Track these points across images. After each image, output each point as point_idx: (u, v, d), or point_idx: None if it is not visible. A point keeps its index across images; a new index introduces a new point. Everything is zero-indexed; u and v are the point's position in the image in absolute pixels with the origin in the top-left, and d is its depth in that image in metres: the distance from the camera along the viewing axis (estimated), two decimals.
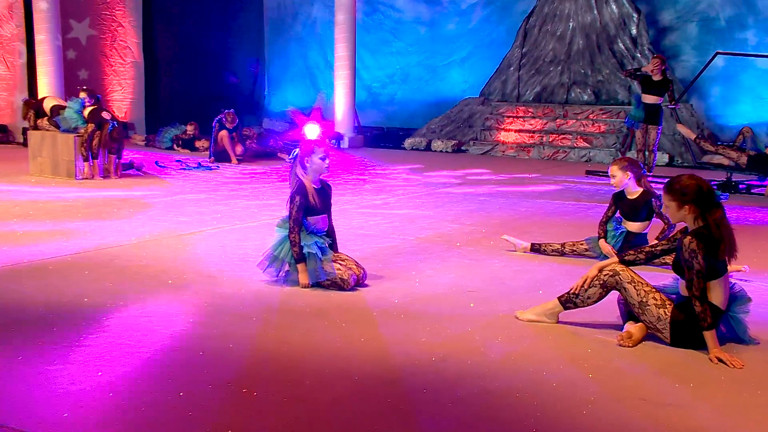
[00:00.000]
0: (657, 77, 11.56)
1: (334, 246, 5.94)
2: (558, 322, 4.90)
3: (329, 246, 5.84)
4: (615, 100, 15.78)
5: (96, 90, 16.06)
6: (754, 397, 3.88)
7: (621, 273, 4.64)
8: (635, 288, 4.58)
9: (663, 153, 13.85)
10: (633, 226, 6.58)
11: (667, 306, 4.51)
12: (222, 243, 7.22)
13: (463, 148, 16.00)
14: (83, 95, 11.43)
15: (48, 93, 13.87)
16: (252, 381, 3.96)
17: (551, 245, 6.85)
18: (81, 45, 16.49)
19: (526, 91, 16.61)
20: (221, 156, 13.76)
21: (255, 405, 3.69)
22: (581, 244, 6.77)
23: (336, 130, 17.00)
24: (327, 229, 5.90)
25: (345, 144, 16.84)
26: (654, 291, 4.58)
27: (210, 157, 13.83)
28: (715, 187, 10.93)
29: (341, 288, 5.62)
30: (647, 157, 11.81)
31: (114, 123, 11.18)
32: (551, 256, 6.78)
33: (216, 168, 13.00)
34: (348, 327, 4.87)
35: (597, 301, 4.77)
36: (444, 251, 7.00)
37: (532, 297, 5.48)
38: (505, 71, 17.00)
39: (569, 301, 4.82)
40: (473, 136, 16.24)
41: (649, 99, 11.60)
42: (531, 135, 15.54)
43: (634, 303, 4.59)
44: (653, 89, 11.59)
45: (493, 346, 4.53)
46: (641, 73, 11.85)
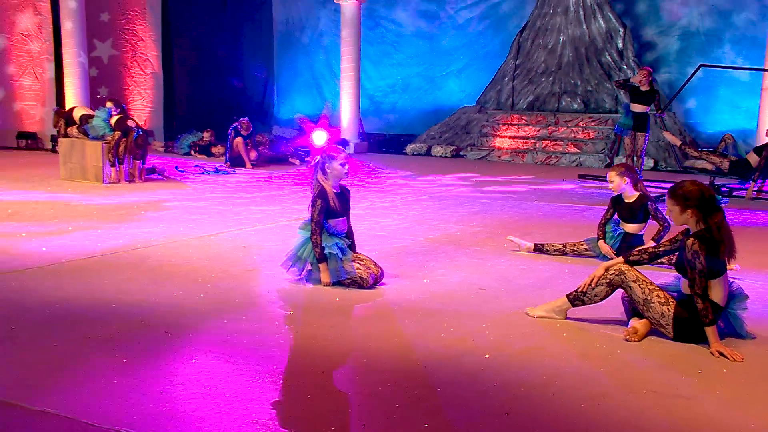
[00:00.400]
0: (644, 88, 11.55)
1: (352, 246, 5.91)
2: (566, 318, 4.89)
3: (348, 247, 5.82)
4: (603, 108, 15.77)
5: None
6: (755, 389, 3.88)
7: (626, 272, 4.63)
8: (640, 286, 4.58)
9: (649, 158, 13.85)
10: (630, 227, 6.57)
11: (670, 303, 4.50)
12: (244, 243, 7.19)
13: (461, 153, 15.98)
14: (110, 105, 11.40)
15: (75, 104, 13.82)
16: (287, 374, 3.94)
17: (553, 245, 6.84)
18: (103, 64, 16.42)
19: (519, 100, 16.59)
20: (236, 161, 13.73)
21: (291, 397, 3.68)
22: (582, 244, 6.76)
23: (342, 136, 16.98)
24: (346, 231, 5.89)
25: (350, 150, 16.79)
26: (657, 289, 4.57)
27: (226, 162, 13.80)
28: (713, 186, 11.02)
29: (360, 286, 5.60)
30: (635, 162, 11.79)
31: (139, 131, 11.15)
32: (553, 255, 6.77)
33: (232, 172, 12.97)
34: (371, 323, 4.86)
35: (603, 299, 4.76)
36: (453, 251, 6.97)
37: (538, 295, 5.47)
38: (500, 81, 16.98)
39: (577, 299, 4.81)
40: (471, 142, 16.22)
41: (637, 108, 11.60)
42: (525, 141, 15.54)
43: (638, 301, 4.58)
44: (641, 99, 11.58)
45: (508, 341, 4.51)
46: (630, 84, 11.84)
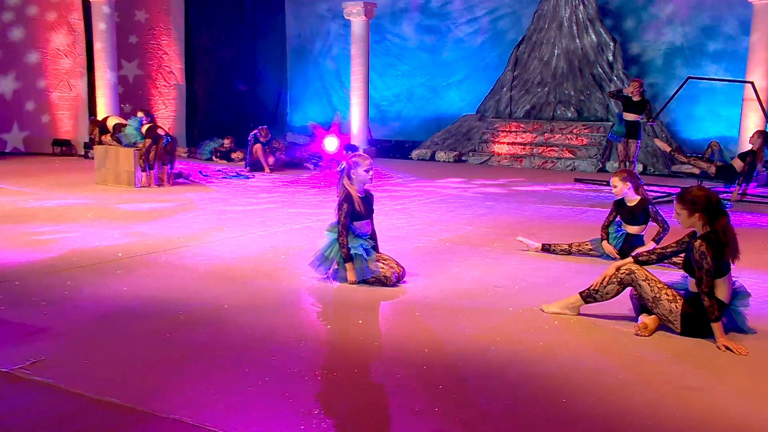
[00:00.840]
0: (636, 98, 11.54)
1: (376, 247, 5.88)
2: (579, 314, 4.87)
3: (372, 247, 5.80)
4: (595, 116, 15.73)
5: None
6: (761, 381, 3.86)
7: (636, 271, 4.62)
8: (649, 285, 4.56)
9: (638, 163, 13.80)
10: (632, 229, 6.55)
11: (678, 301, 4.49)
12: (271, 244, 7.16)
13: (463, 158, 15.95)
14: (141, 114, 11.39)
15: (106, 114, 13.81)
16: (325, 368, 3.93)
17: (560, 245, 6.81)
18: (128, 83, 16.35)
19: (517, 109, 16.56)
20: (255, 166, 13.70)
21: (332, 389, 3.66)
22: (586, 244, 6.73)
23: (352, 142, 16.95)
24: (370, 233, 5.86)
25: None
26: (666, 287, 4.55)
27: (246, 167, 13.78)
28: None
29: (384, 284, 5.57)
30: (628, 167, 11.77)
31: (168, 138, 11.13)
32: (560, 255, 6.74)
33: (252, 176, 12.94)
34: (397, 319, 4.85)
35: (614, 296, 4.74)
36: (465, 251, 6.94)
37: (549, 292, 5.44)
38: (499, 91, 16.95)
39: (590, 296, 4.79)
40: (472, 148, 16.19)
41: (630, 117, 11.58)
42: (522, 147, 15.50)
43: (648, 298, 4.56)
44: (633, 108, 11.56)
45: (528, 336, 4.50)
46: (623, 95, 11.83)
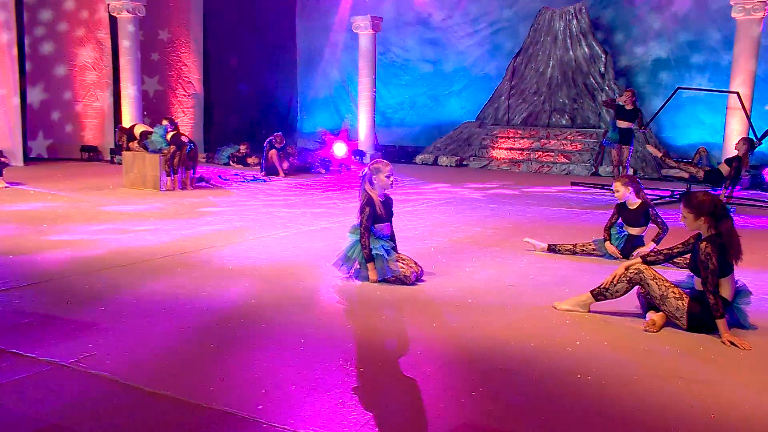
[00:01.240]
0: (629, 107, 11.56)
1: (395, 248, 5.89)
2: (589, 311, 4.88)
3: (392, 248, 5.81)
4: (588, 123, 15.75)
5: (165, 112, 16.07)
6: (767, 374, 3.86)
7: (644, 271, 4.62)
8: (657, 284, 4.57)
9: (630, 168, 13.81)
10: (633, 230, 6.56)
11: (684, 298, 4.49)
12: (292, 244, 7.15)
13: (464, 163, 15.96)
14: (165, 123, 11.39)
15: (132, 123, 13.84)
16: (358, 363, 3.92)
17: (565, 246, 6.82)
18: (149, 96, 16.34)
19: (514, 116, 16.57)
20: (271, 170, 13.71)
21: (366, 383, 3.65)
22: (590, 244, 6.74)
23: (360, 148, 16.97)
24: (390, 234, 5.87)
25: (367, 159, 16.77)
26: (672, 286, 4.56)
27: (261, 171, 13.78)
28: (678, 197, 10.99)
29: (404, 283, 5.57)
30: (621, 171, 11.78)
31: (191, 145, 11.14)
32: (565, 254, 6.75)
33: (268, 180, 12.95)
34: (420, 316, 4.83)
35: (623, 294, 4.75)
36: (476, 251, 6.94)
37: (558, 290, 5.45)
38: (497, 100, 16.96)
39: (600, 294, 4.79)
40: (472, 153, 16.20)
41: (623, 124, 11.60)
42: (520, 152, 15.51)
43: (656, 296, 4.56)
44: (626, 116, 11.59)
45: (543, 331, 4.49)
46: (616, 103, 11.85)
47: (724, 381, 3.74)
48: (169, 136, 10.99)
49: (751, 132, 11.83)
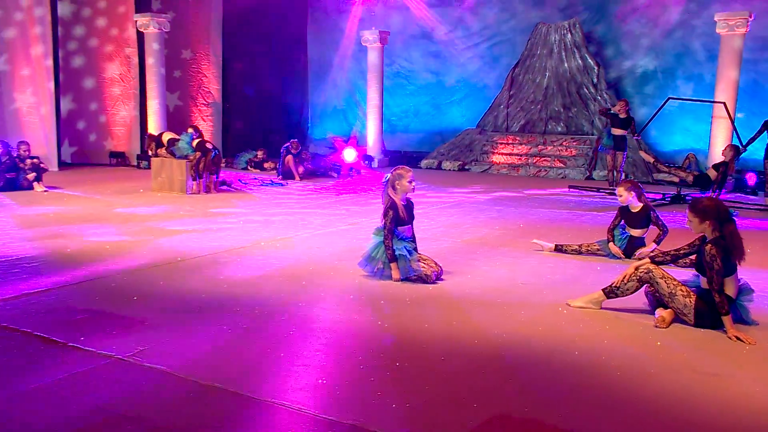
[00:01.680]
0: (622, 115, 11.60)
1: (416, 249, 5.91)
2: (601, 308, 4.90)
3: (414, 249, 5.83)
4: (582, 131, 15.75)
5: (185, 127, 16.05)
6: None
7: (653, 270, 4.65)
8: (666, 282, 4.59)
9: (623, 172, 13.82)
10: (635, 232, 6.59)
11: (691, 296, 4.52)
12: (317, 245, 7.15)
13: (466, 167, 15.96)
14: (191, 130, 11.40)
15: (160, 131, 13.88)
16: (397, 357, 3.93)
17: (571, 246, 6.83)
18: (168, 111, 16.31)
19: (513, 124, 16.58)
20: (287, 174, 13.70)
21: (402, 377, 3.66)
22: (594, 245, 6.76)
23: (368, 153, 16.97)
24: (411, 236, 5.89)
25: (375, 164, 16.80)
26: (680, 285, 4.59)
27: (278, 175, 13.78)
28: (669, 199, 11.03)
29: (425, 282, 5.59)
30: (615, 176, 11.82)
31: (215, 151, 11.15)
32: (571, 254, 6.76)
33: (285, 184, 12.93)
34: (445, 313, 4.83)
35: (633, 293, 4.77)
36: (488, 251, 6.94)
37: (569, 288, 5.46)
38: (497, 108, 16.97)
39: (612, 292, 4.82)
40: (474, 158, 16.21)
41: (617, 131, 11.64)
42: (519, 157, 15.52)
43: (664, 294, 4.59)
44: (620, 124, 11.62)
45: (561, 327, 4.51)
46: (611, 112, 11.87)
47: (734, 374, 3.77)
48: (195, 143, 11.00)
49: (736, 139, 11.86)
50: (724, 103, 12.01)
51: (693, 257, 4.95)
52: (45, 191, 10.67)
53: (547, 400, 3.39)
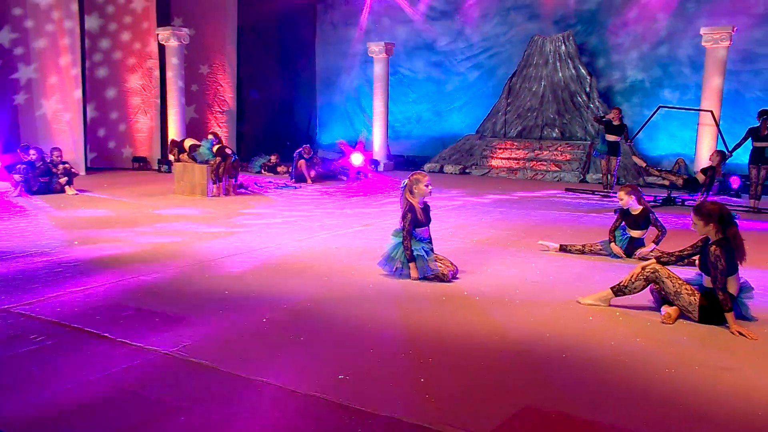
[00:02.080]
0: (616, 122, 11.62)
1: (432, 249, 5.92)
2: (609, 305, 4.92)
3: (430, 249, 5.84)
4: (575, 136, 15.78)
5: (202, 132, 16.06)
6: None
7: (659, 270, 4.67)
8: (671, 281, 4.61)
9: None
10: (635, 233, 6.61)
11: (696, 294, 4.54)
12: (334, 245, 7.14)
13: (467, 171, 15.98)
14: (211, 137, 11.41)
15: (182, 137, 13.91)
16: (424, 352, 3.92)
17: (575, 246, 6.85)
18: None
19: (510, 130, 16.60)
20: (299, 178, 13.70)
21: (429, 371, 3.66)
22: (596, 245, 6.78)
23: (374, 157, 16.97)
24: (428, 237, 5.90)
25: (381, 168, 16.80)
26: (685, 283, 4.61)
27: (291, 179, 13.78)
28: (660, 201, 11.06)
29: (442, 280, 5.59)
30: (609, 179, 11.84)
31: (234, 156, 11.16)
32: (575, 254, 6.78)
33: (298, 187, 12.93)
34: (463, 310, 4.83)
35: (640, 291, 4.79)
36: (497, 251, 6.94)
37: (578, 286, 5.47)
38: (495, 115, 16.98)
39: (620, 291, 4.84)
40: (474, 162, 16.22)
41: (611, 137, 11.66)
42: (516, 161, 15.54)
43: (670, 292, 4.61)
44: (613, 131, 11.64)
45: (574, 324, 4.52)
46: (605, 119, 11.90)
47: (741, 367, 3.78)
48: (215, 148, 11.01)
49: (722, 144, 11.89)
50: (711, 111, 12.04)
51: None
52: (76, 194, 10.68)
53: (570, 393, 3.40)
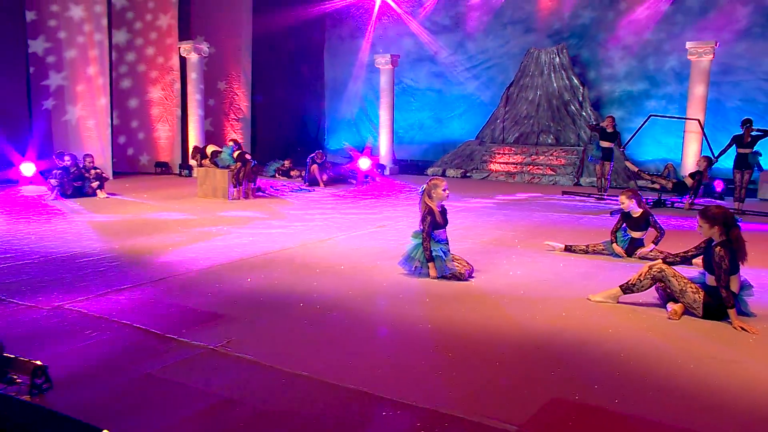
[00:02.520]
0: (609, 129, 11.63)
1: (449, 250, 5.93)
2: (618, 302, 4.93)
3: (448, 250, 5.85)
4: (569, 143, 15.79)
5: (219, 138, 16.05)
6: None
7: (666, 270, 4.70)
8: (677, 280, 4.64)
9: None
10: (635, 234, 6.63)
11: (700, 292, 4.57)
12: (354, 245, 7.13)
13: (468, 174, 15.98)
14: (231, 143, 11.42)
15: (204, 144, 13.92)
16: (450, 347, 3.93)
17: (579, 246, 6.86)
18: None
19: (508, 136, 16.62)
20: (312, 181, 13.68)
21: (460, 364, 3.68)
22: (599, 245, 6.79)
23: (381, 162, 16.97)
24: (446, 238, 5.92)
25: (387, 172, 16.79)
26: (689, 282, 4.64)
27: (305, 182, 13.78)
28: (651, 203, 11.08)
29: (458, 279, 5.60)
30: (603, 183, 11.86)
31: (254, 162, 11.17)
32: (579, 254, 6.79)
33: (312, 190, 12.92)
34: (481, 307, 4.83)
35: (647, 289, 4.81)
36: (505, 251, 6.93)
37: (585, 284, 5.47)
38: (494, 122, 17.00)
39: (628, 289, 4.86)
40: (474, 166, 16.23)
41: (605, 144, 11.66)
42: (514, 166, 15.55)
43: (675, 290, 4.64)
44: (607, 137, 11.65)
45: (588, 320, 4.53)
46: (599, 126, 11.92)
47: (747, 360, 3.81)
48: (236, 154, 11.02)
49: (708, 150, 11.93)
50: (698, 120, 12.08)
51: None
52: (106, 197, 10.69)
53: (593, 385, 3.42)
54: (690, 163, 12.78)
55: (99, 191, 10.74)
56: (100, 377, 3.43)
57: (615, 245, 6.65)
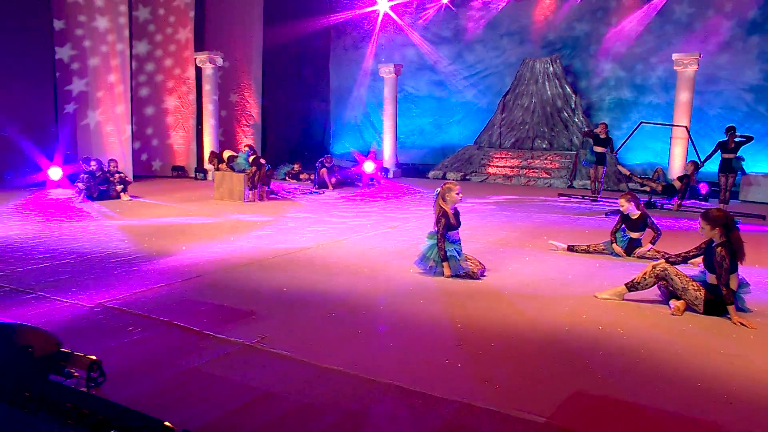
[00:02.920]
0: (603, 135, 11.69)
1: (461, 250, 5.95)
2: (623, 299, 4.96)
3: (461, 250, 5.87)
4: (563, 147, 15.83)
5: (231, 143, 16.04)
6: None
7: (668, 269, 4.73)
8: (679, 278, 4.67)
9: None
10: (634, 234, 6.66)
11: (701, 290, 4.60)
12: (370, 245, 7.10)
13: (467, 177, 16.00)
14: (246, 148, 11.41)
15: (221, 149, 13.93)
16: (468, 344, 3.95)
17: (581, 246, 6.88)
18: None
19: (505, 141, 16.64)
20: (321, 184, 13.69)
21: (484, 360, 3.69)
22: (600, 245, 6.81)
23: (385, 166, 16.97)
24: (459, 239, 5.93)
25: (390, 175, 16.81)
26: (691, 280, 4.66)
27: (314, 185, 13.78)
28: (643, 204, 11.10)
29: (472, 278, 5.61)
30: (596, 186, 11.90)
31: (268, 166, 11.17)
32: (581, 253, 6.82)
33: (321, 193, 12.92)
34: (495, 305, 4.84)
35: (651, 287, 4.84)
36: (512, 251, 6.93)
37: (590, 282, 5.49)
38: (491, 128, 17.02)
39: (633, 287, 4.89)
40: (473, 169, 16.26)
41: (598, 149, 11.72)
42: (511, 169, 15.59)
43: (678, 288, 4.67)
44: (600, 143, 11.70)
45: (596, 317, 4.54)
46: (593, 132, 11.96)
47: (749, 354, 3.83)
48: (251, 159, 11.02)
49: (695, 155, 11.97)
50: (686, 127, 12.13)
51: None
52: (130, 200, 10.67)
53: (611, 379, 3.44)
54: (676, 167, 12.83)
55: (123, 194, 10.73)
56: (146, 372, 3.44)
57: (615, 245, 6.68)
